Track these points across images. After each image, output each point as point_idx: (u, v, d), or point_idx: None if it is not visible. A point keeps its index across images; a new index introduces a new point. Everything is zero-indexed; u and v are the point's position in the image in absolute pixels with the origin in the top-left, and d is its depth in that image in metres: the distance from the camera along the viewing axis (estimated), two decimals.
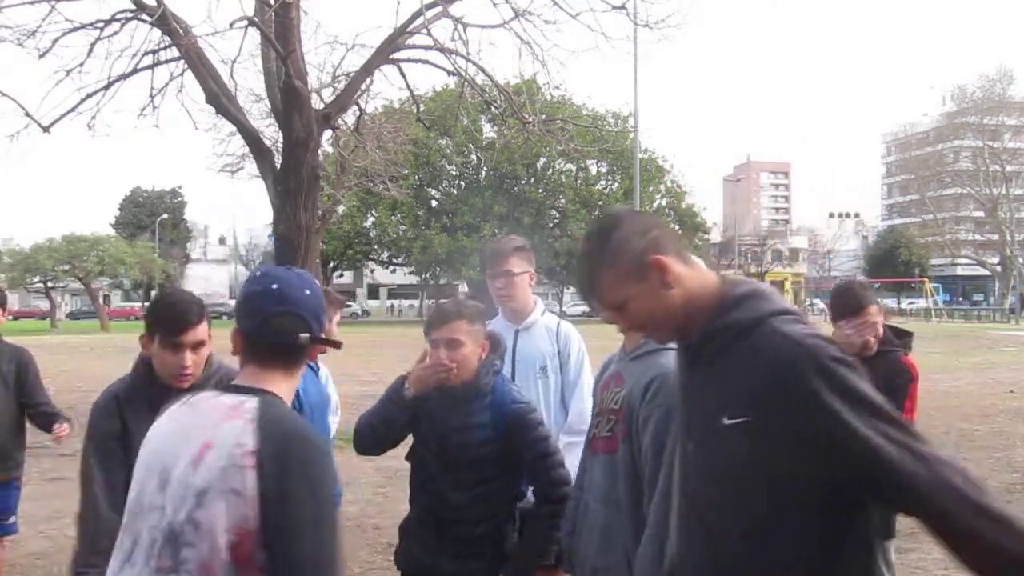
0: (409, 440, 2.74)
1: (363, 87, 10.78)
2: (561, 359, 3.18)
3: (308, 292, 1.64)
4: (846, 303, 3.18)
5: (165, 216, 68.39)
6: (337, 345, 1.78)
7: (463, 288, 46.76)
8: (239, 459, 1.43)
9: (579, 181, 50.31)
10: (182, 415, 1.57)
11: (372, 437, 2.65)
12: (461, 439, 2.53)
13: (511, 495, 2.64)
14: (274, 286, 1.62)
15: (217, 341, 2.67)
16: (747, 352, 1.48)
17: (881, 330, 3.22)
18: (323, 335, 1.66)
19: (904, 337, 3.34)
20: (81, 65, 9.65)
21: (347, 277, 67.98)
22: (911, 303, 61.76)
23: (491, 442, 2.52)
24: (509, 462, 2.56)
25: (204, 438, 1.48)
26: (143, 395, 2.43)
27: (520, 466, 2.60)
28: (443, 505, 2.56)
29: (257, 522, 1.42)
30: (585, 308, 34.51)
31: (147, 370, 2.49)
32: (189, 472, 1.46)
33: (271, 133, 13.19)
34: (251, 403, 1.52)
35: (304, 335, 1.61)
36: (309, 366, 3.40)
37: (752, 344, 1.49)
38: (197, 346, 2.42)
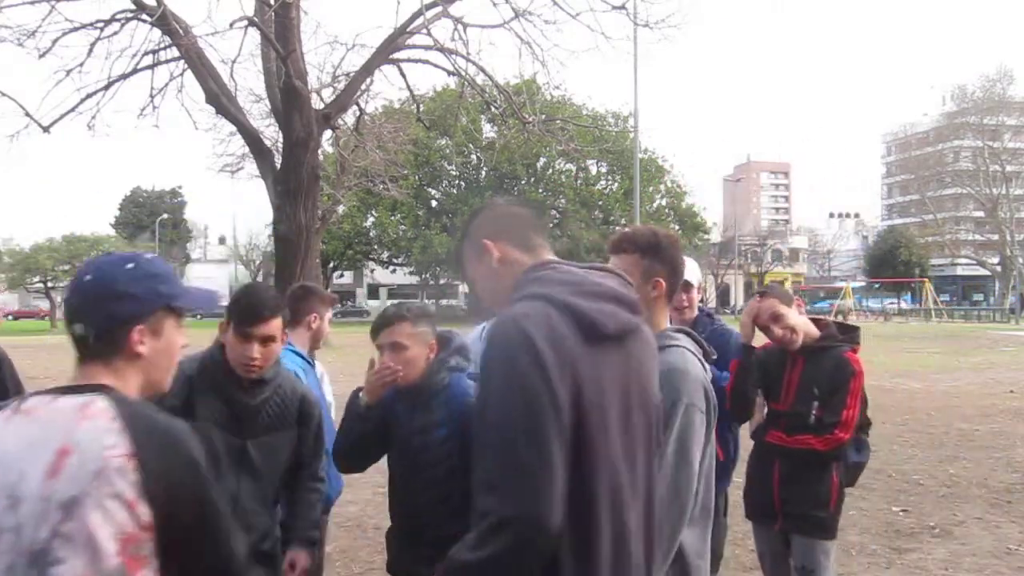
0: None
1: (363, 87, 10.80)
2: None
3: (88, 278, 1.49)
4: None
5: (165, 216, 68.42)
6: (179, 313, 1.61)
7: (463, 288, 46.82)
8: (113, 462, 1.33)
9: (579, 181, 50.33)
10: (17, 426, 1.41)
11: (348, 457, 2.70)
12: (422, 440, 2.55)
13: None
14: (87, 277, 1.50)
15: (209, 341, 2.70)
16: None
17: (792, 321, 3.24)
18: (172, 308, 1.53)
19: (849, 332, 3.33)
20: (81, 65, 9.67)
21: (347, 277, 68.00)
22: (891, 303, 61.81)
23: (450, 438, 2.51)
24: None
25: (56, 445, 1.35)
26: (210, 377, 2.56)
27: None
28: (415, 509, 2.57)
29: (147, 523, 1.34)
30: None
31: (220, 354, 2.60)
32: (46, 484, 1.33)
33: (271, 133, 13.21)
34: (101, 402, 1.40)
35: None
36: (307, 360, 3.45)
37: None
38: (266, 340, 2.54)
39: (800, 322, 3.24)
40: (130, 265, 1.52)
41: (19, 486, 1.34)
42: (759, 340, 3.32)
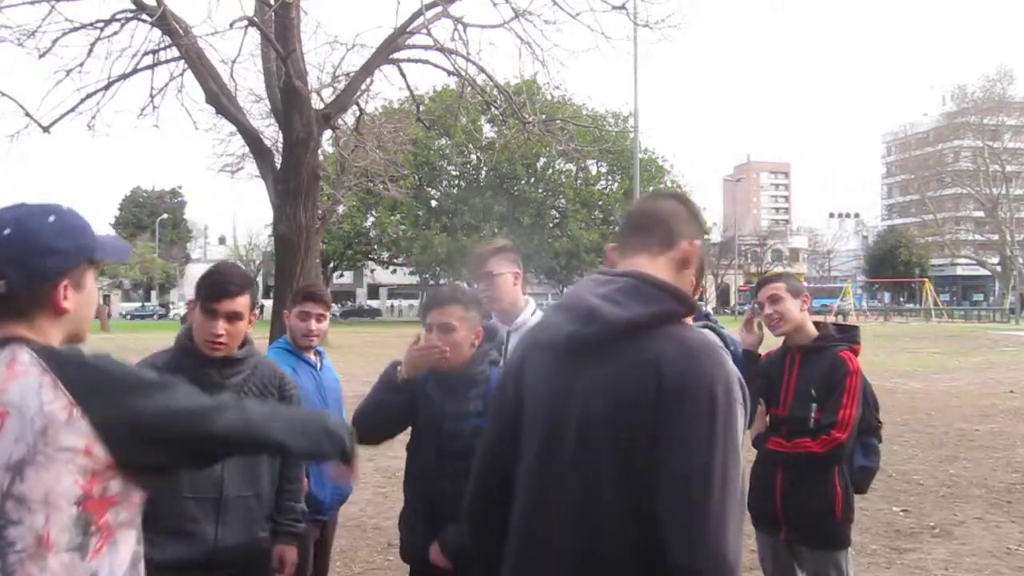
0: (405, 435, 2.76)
1: (363, 87, 10.79)
2: None
3: (7, 232, 1.43)
4: None
5: (165, 216, 68.41)
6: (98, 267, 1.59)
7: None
8: (58, 415, 1.33)
9: (579, 181, 50.32)
10: None
11: (368, 425, 2.62)
12: (453, 426, 2.54)
13: None
14: (7, 231, 1.43)
15: None
16: None
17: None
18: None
19: (847, 332, 3.29)
20: (81, 65, 9.66)
21: (347, 277, 67.98)
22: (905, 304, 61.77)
23: (481, 432, 2.51)
24: None
25: None
26: (182, 366, 2.51)
27: None
28: (434, 493, 2.56)
29: (106, 462, 1.34)
30: None
31: (189, 341, 2.60)
32: None
33: (271, 133, 13.21)
34: (23, 354, 1.37)
35: (50, 274, 1.43)
36: (318, 352, 3.51)
37: None
38: (232, 317, 2.53)
39: (795, 314, 3.21)
40: (52, 218, 1.47)
41: None
42: (763, 345, 3.30)
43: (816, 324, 3.29)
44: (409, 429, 2.75)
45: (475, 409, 2.54)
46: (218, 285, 2.54)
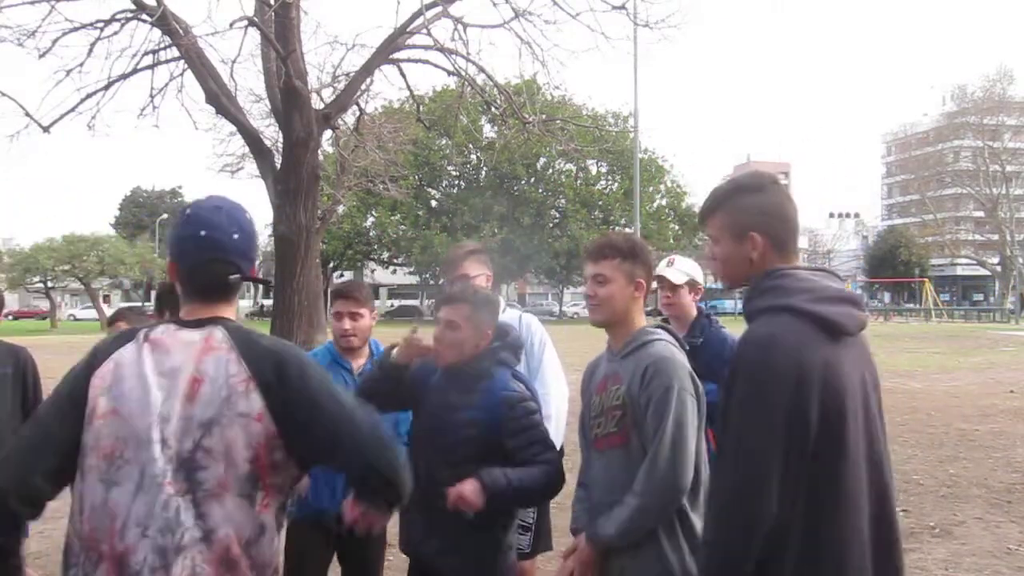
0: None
1: (363, 87, 10.77)
2: (525, 348, 3.25)
3: (236, 236, 1.78)
4: None
5: (165, 216, 68.39)
6: (267, 283, 2.09)
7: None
8: (238, 387, 1.64)
9: (579, 181, 50.31)
10: (151, 354, 1.69)
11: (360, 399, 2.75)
12: (449, 418, 2.60)
13: None
14: (203, 232, 1.77)
15: None
16: None
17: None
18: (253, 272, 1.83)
19: None
20: (81, 65, 9.63)
21: (347, 277, 67.99)
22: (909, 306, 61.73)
23: (474, 424, 2.56)
24: (492, 447, 2.58)
25: (188, 374, 1.65)
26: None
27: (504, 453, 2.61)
28: (429, 483, 2.59)
29: (272, 433, 1.64)
30: (583, 308, 34.36)
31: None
32: (185, 407, 1.63)
33: (271, 133, 13.19)
34: (218, 333, 1.71)
35: (234, 276, 1.78)
36: (372, 347, 3.44)
37: None
38: None
39: None
40: (248, 215, 1.86)
41: (166, 405, 1.64)
42: None
43: None
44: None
45: (474, 402, 2.59)
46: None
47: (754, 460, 1.66)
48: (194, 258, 1.78)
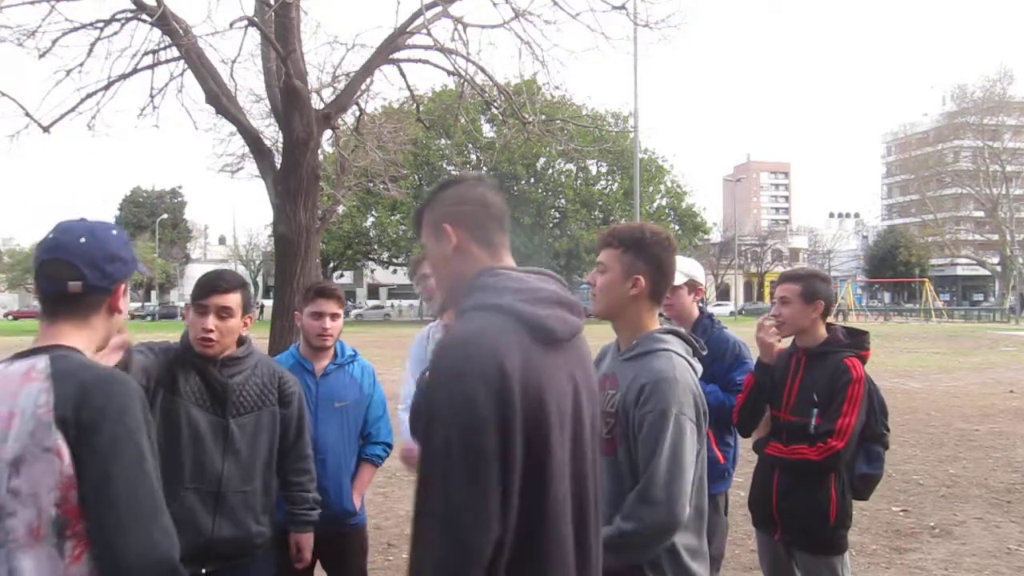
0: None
1: (363, 87, 10.76)
2: None
3: (83, 240, 1.61)
4: None
5: (165, 216, 68.42)
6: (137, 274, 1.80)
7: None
8: (44, 417, 1.46)
9: (579, 181, 50.31)
10: None
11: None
12: None
13: None
14: (50, 235, 1.63)
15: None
16: None
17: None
18: (113, 286, 1.64)
19: (856, 337, 3.20)
20: (81, 65, 9.62)
21: (347, 277, 67.97)
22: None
23: None
24: None
25: (7, 411, 1.48)
26: (183, 360, 2.63)
27: None
28: None
29: (71, 474, 1.44)
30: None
31: (187, 338, 2.68)
32: (0, 447, 1.46)
33: (271, 133, 13.19)
34: (42, 362, 1.52)
35: (74, 282, 1.59)
36: (352, 354, 3.42)
37: None
38: (222, 313, 2.60)
39: (800, 320, 3.13)
40: (115, 232, 1.70)
41: None
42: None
43: (827, 326, 3.21)
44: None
45: None
46: (209, 282, 2.63)
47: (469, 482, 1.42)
48: (36, 263, 1.62)
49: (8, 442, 1.45)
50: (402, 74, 10.77)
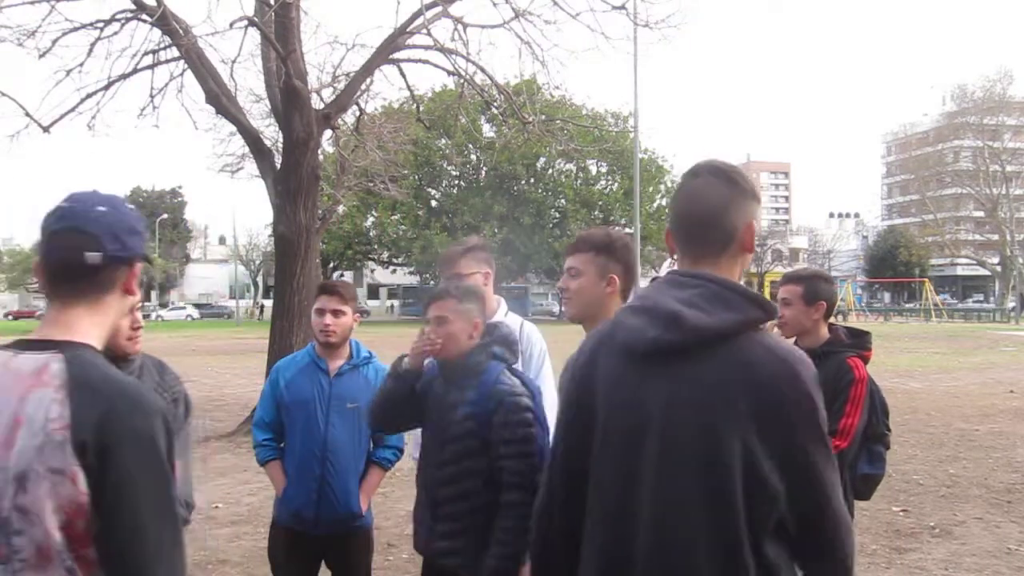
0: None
1: (363, 87, 10.77)
2: (524, 359, 3.15)
3: (103, 209, 1.45)
4: None
5: (165, 216, 68.40)
6: (148, 260, 1.58)
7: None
8: (54, 435, 1.30)
9: (579, 181, 50.31)
10: None
11: (376, 410, 2.80)
12: (449, 414, 2.62)
13: (491, 477, 2.62)
14: (63, 203, 1.46)
15: (208, 341, 2.71)
16: None
17: None
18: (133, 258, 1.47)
19: (858, 338, 3.20)
20: (81, 65, 9.63)
21: (347, 277, 67.97)
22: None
23: (471, 418, 2.56)
24: (488, 442, 2.57)
25: (11, 414, 1.33)
26: None
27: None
28: (433, 481, 2.64)
29: (87, 500, 1.30)
30: None
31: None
32: (3, 456, 1.32)
33: (271, 133, 13.19)
34: (56, 364, 1.35)
35: (93, 254, 1.41)
36: (367, 356, 3.41)
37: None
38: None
39: (801, 321, 3.13)
40: (132, 207, 1.55)
41: None
42: None
43: (829, 327, 3.20)
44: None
45: (469, 397, 2.60)
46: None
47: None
48: (44, 234, 1.45)
49: (12, 452, 1.31)
50: (402, 74, 10.78)
